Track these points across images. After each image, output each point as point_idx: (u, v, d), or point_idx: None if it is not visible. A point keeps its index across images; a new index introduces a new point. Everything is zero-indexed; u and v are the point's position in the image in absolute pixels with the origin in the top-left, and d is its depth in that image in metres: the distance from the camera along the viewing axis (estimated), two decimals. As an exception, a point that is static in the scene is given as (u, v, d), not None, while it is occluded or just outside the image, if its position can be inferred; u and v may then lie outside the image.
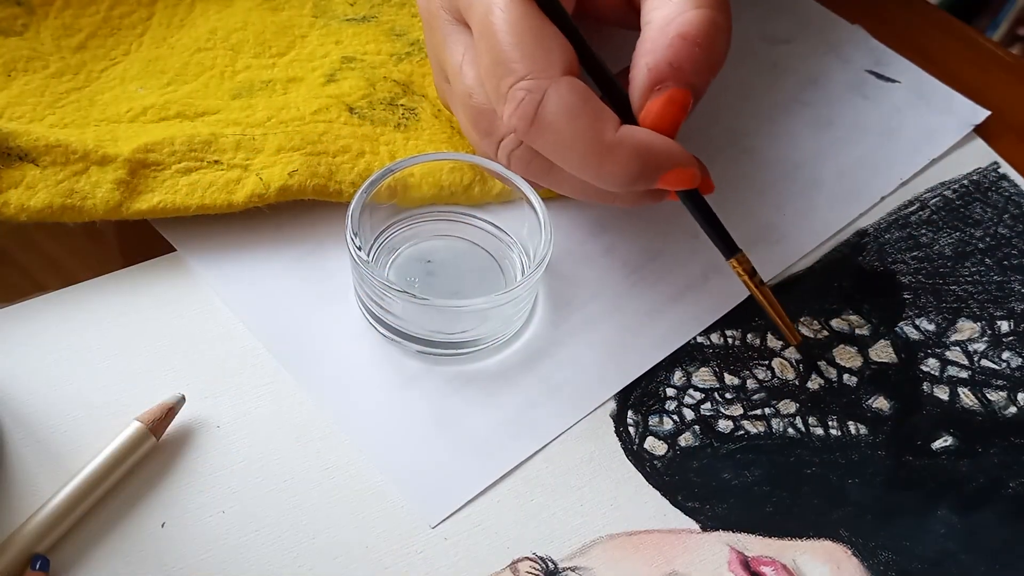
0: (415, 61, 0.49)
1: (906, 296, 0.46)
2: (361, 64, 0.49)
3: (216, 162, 0.44)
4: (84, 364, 0.40)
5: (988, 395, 0.43)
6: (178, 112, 0.46)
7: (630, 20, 0.42)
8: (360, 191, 0.41)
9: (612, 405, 0.41)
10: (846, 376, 0.43)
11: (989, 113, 0.52)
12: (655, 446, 0.41)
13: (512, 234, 0.44)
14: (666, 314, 0.44)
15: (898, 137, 0.51)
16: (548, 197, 0.45)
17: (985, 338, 0.45)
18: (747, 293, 0.45)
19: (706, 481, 0.40)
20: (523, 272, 0.42)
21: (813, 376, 0.43)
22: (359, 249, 0.39)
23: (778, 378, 0.43)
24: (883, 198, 0.49)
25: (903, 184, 0.49)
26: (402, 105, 0.47)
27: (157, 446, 0.38)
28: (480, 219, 0.44)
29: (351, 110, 0.46)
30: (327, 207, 0.45)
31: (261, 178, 0.43)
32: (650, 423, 0.41)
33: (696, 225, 0.46)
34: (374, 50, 0.50)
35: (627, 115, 0.39)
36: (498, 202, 0.44)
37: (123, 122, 0.45)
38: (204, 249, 0.44)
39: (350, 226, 0.40)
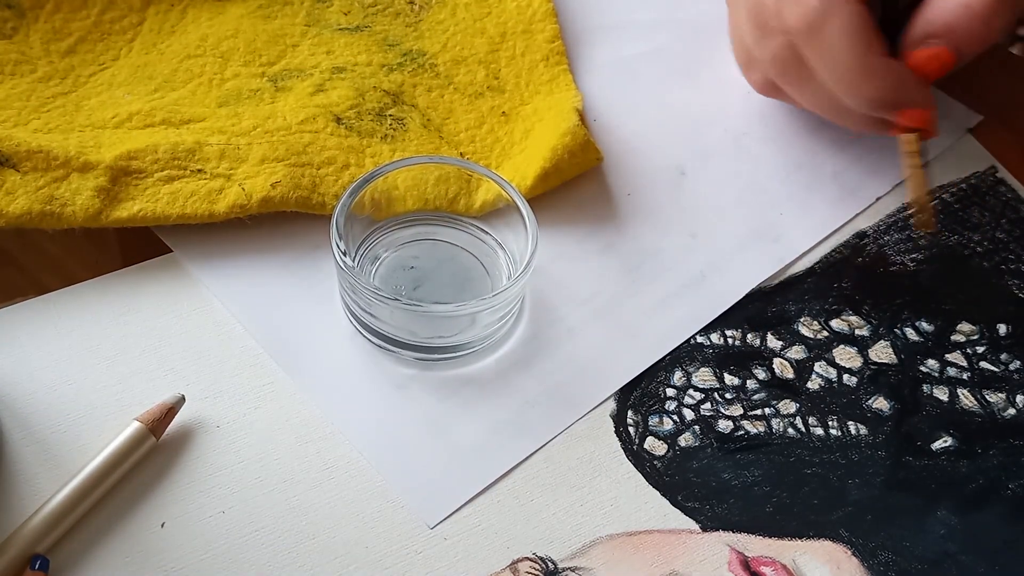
0: (407, 71, 0.49)
1: (906, 297, 0.46)
2: (351, 74, 0.48)
3: (199, 171, 0.43)
4: (84, 364, 0.40)
5: (987, 396, 0.43)
6: (163, 119, 0.46)
7: None
8: (343, 198, 0.40)
9: (612, 405, 0.41)
10: (846, 376, 0.43)
11: (981, 118, 0.52)
12: (655, 446, 0.41)
13: (497, 236, 0.44)
14: (664, 313, 0.44)
15: (893, 139, 0.51)
16: (537, 195, 0.46)
17: (984, 340, 0.45)
18: (745, 291, 0.45)
19: (706, 481, 0.40)
20: (509, 275, 0.42)
21: (813, 376, 0.43)
22: (344, 255, 0.39)
23: (778, 378, 0.43)
24: (878, 198, 0.49)
25: (898, 185, 0.50)
26: (391, 115, 0.47)
27: (157, 446, 0.38)
28: (464, 222, 0.44)
29: (338, 120, 0.46)
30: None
31: (243, 189, 0.43)
32: (650, 423, 0.41)
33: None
34: (365, 60, 0.49)
35: (893, 47, 0.44)
36: (481, 214, 0.44)
37: (108, 128, 0.45)
38: (200, 251, 0.43)
39: (335, 234, 0.39)
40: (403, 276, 0.43)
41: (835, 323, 0.45)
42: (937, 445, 0.42)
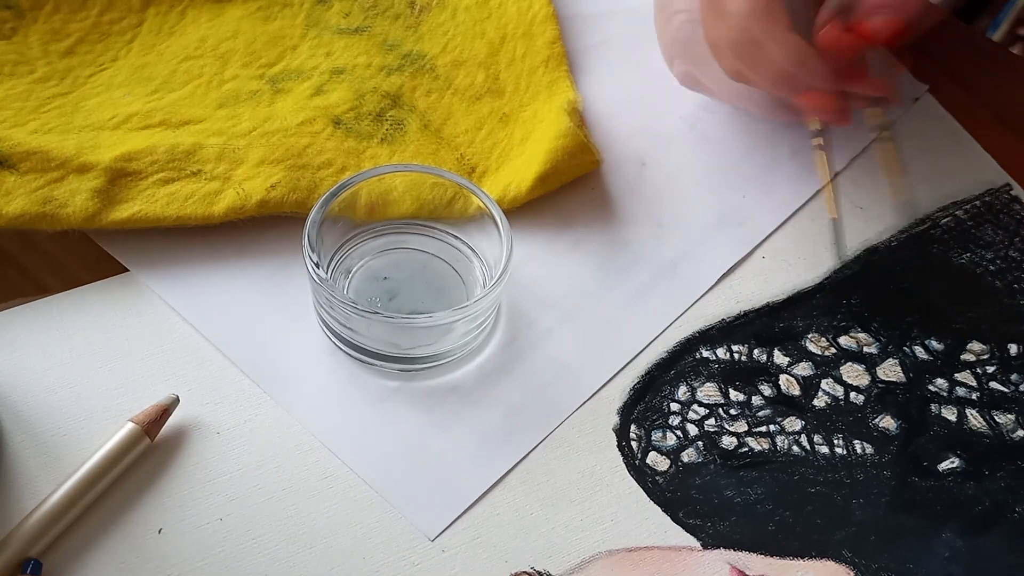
0: (406, 74, 0.49)
1: (916, 315, 0.45)
2: (350, 76, 0.48)
3: (197, 172, 0.43)
4: (85, 367, 0.40)
5: (996, 417, 0.43)
6: (162, 120, 0.46)
7: None
8: (313, 213, 0.39)
9: (615, 419, 0.41)
10: (853, 394, 0.43)
11: (927, 87, 0.53)
12: (657, 461, 0.40)
13: (469, 241, 0.43)
14: (640, 304, 0.44)
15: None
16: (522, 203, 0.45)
17: (994, 360, 0.44)
18: (717, 275, 0.45)
19: (708, 498, 0.39)
20: (484, 280, 0.42)
21: (820, 393, 0.43)
22: (318, 267, 0.38)
23: (784, 395, 0.42)
24: (836, 174, 0.49)
25: (855, 159, 0.50)
26: (390, 117, 0.47)
27: (156, 451, 0.38)
28: (436, 228, 0.44)
29: (336, 123, 0.46)
30: (296, 223, 0.43)
31: (242, 190, 0.43)
32: (653, 438, 0.41)
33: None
34: (364, 62, 0.49)
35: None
36: (471, 218, 0.44)
37: (106, 129, 0.45)
38: (158, 267, 0.43)
39: (307, 247, 0.38)
40: (377, 287, 0.42)
41: (843, 340, 0.44)
42: (944, 466, 0.41)
